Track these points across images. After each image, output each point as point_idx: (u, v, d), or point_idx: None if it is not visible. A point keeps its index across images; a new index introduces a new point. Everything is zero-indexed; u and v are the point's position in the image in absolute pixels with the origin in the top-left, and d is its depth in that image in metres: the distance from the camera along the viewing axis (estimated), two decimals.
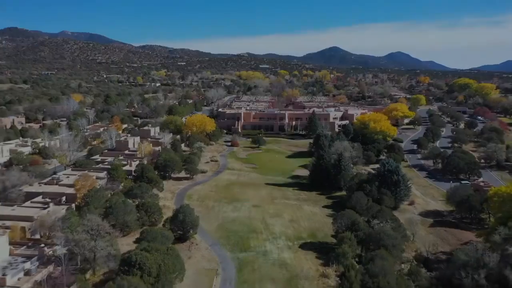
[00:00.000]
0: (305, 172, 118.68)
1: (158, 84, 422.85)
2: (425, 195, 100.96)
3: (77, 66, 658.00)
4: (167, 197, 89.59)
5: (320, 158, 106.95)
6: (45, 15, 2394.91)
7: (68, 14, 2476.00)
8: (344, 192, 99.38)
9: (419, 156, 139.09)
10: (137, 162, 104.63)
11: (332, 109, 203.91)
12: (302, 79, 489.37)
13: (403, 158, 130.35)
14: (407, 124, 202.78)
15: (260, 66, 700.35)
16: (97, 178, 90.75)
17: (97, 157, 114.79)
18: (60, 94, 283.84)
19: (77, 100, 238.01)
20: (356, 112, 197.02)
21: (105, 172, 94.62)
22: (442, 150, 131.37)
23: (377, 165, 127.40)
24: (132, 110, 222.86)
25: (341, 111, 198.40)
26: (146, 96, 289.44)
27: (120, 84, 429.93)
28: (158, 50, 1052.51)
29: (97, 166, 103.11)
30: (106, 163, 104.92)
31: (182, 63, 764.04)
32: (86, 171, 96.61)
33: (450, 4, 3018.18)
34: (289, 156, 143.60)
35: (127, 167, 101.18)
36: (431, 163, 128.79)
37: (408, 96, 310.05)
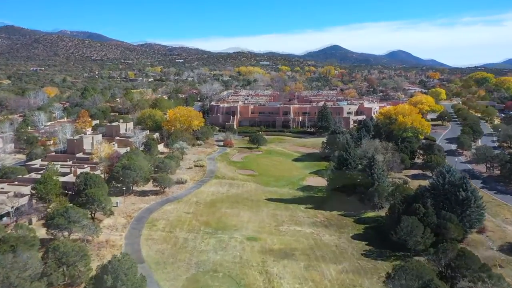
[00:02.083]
0: (318, 182, 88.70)
1: (150, 79, 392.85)
2: (494, 216, 70.63)
3: (70, 63, 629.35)
4: (117, 225, 58.92)
5: (343, 163, 76.89)
6: (44, 14, 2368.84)
7: (67, 13, 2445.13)
8: (379, 212, 69.66)
9: (462, 159, 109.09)
10: (88, 170, 74.45)
11: (345, 102, 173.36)
12: (305, 75, 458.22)
13: (445, 161, 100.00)
14: (432, 120, 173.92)
15: (261, 62, 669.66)
16: (15, 195, 60.81)
17: (36, 163, 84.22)
18: (39, 88, 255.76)
19: (51, 94, 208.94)
20: (374, 105, 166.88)
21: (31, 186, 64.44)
22: (497, 151, 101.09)
23: (412, 172, 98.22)
24: (112, 104, 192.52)
25: (356, 104, 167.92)
26: (133, 91, 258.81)
27: (110, 79, 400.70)
28: (156, 48, 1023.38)
29: (27, 176, 72.77)
30: (42, 171, 74.63)
31: (180, 61, 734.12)
32: (5, 184, 66.90)
33: (449, 3, 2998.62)
34: (296, 159, 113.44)
35: (68, 177, 71.00)
36: (483, 168, 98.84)
37: (423, 90, 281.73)
